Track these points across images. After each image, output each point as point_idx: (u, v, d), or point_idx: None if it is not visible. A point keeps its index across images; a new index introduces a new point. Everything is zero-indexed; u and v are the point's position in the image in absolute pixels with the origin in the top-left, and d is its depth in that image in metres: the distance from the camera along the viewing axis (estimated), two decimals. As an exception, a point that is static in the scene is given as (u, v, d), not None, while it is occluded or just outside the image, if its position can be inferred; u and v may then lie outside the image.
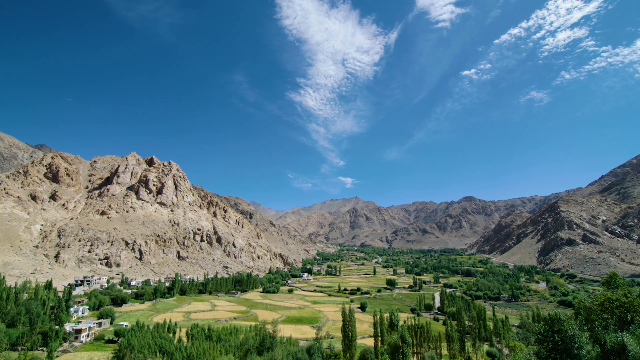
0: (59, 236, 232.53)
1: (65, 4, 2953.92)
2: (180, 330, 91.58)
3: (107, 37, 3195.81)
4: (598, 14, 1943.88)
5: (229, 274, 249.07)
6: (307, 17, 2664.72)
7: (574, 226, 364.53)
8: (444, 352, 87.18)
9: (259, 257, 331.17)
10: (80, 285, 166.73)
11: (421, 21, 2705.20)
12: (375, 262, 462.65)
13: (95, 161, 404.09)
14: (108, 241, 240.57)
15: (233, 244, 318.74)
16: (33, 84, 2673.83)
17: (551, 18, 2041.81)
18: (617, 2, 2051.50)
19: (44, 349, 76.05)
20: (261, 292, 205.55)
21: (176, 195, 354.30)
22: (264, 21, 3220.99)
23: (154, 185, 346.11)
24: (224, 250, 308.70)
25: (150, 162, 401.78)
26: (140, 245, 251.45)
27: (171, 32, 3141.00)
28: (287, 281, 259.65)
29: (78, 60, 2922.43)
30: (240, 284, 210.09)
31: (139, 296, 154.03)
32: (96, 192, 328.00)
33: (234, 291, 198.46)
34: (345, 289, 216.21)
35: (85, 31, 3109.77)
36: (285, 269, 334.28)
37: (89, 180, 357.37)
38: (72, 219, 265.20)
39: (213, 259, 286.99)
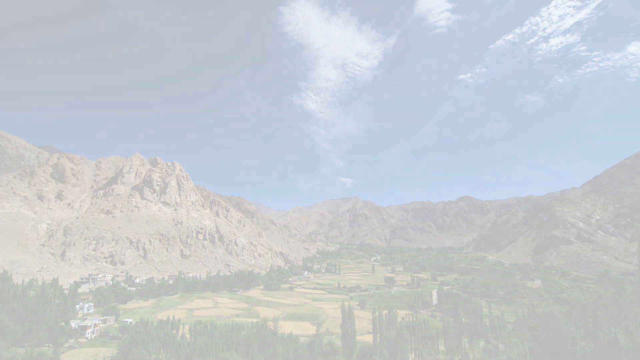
0: (64, 235, 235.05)
1: (71, 9, 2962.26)
2: (183, 327, 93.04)
3: (114, 41, 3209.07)
4: (590, 20, 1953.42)
5: (231, 272, 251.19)
6: (309, 23, 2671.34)
7: (569, 225, 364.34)
8: (441, 348, 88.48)
9: (260, 256, 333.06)
10: (86, 282, 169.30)
11: (419, 27, 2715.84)
12: (374, 260, 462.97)
13: (100, 162, 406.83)
14: (113, 240, 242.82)
15: (235, 243, 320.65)
16: (40, 87, 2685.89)
17: (544, 24, 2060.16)
18: (608, 9, 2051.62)
19: (50, 345, 77.77)
20: (262, 289, 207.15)
21: (179, 195, 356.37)
22: (267, 27, 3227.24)
23: (157, 185, 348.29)
24: (226, 249, 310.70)
25: (154, 163, 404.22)
26: (144, 244, 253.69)
27: (176, 37, 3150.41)
28: (287, 279, 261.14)
29: (84, 64, 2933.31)
30: (242, 281, 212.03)
31: (143, 294, 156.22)
32: (101, 191, 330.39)
33: (235, 289, 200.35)
34: (344, 287, 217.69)
35: (92, 36, 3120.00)
36: (286, 267, 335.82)
37: (94, 180, 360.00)
38: (77, 218, 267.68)
39: (215, 257, 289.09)
